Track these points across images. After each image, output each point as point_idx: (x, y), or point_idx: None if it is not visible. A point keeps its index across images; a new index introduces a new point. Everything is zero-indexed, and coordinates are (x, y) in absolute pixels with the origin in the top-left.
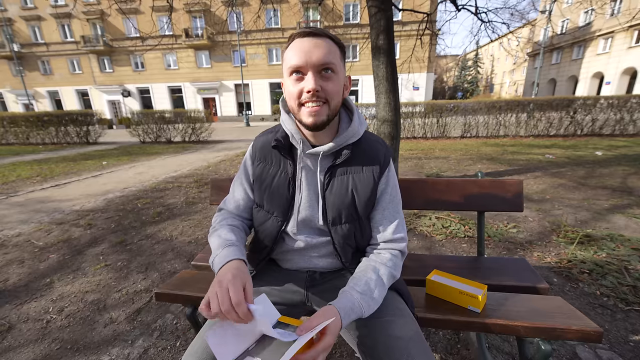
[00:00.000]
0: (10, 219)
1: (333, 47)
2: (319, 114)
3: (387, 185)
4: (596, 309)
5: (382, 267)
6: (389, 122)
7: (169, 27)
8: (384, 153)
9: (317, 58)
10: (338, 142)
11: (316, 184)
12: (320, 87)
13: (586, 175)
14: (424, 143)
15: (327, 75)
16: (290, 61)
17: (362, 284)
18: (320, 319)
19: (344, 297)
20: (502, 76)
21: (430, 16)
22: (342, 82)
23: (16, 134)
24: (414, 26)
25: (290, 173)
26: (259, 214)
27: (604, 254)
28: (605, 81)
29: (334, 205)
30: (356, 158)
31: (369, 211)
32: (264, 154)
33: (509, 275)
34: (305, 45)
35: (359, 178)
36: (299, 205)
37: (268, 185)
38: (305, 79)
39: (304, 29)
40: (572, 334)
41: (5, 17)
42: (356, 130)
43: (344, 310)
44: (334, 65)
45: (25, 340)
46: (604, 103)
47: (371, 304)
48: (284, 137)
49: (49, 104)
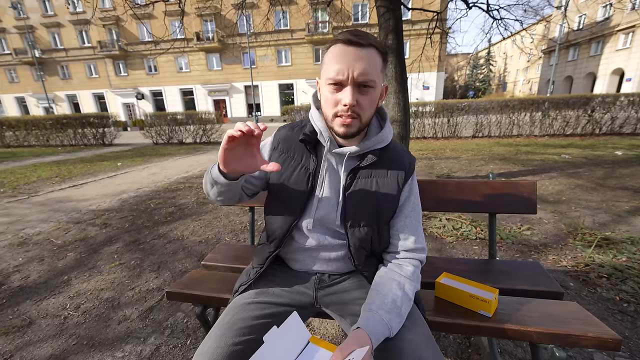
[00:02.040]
0: (31, 218)
1: (376, 59)
2: (351, 125)
3: (411, 193)
4: (615, 315)
5: (407, 283)
6: (398, 122)
7: (181, 30)
8: (409, 161)
9: (358, 73)
10: (366, 146)
11: (338, 183)
12: (357, 102)
13: (605, 176)
14: (435, 143)
15: (365, 90)
16: (330, 70)
17: (389, 302)
18: (353, 346)
19: (373, 318)
20: (516, 74)
21: (440, 14)
22: (379, 94)
23: (37, 136)
24: (424, 25)
25: (311, 168)
26: (272, 205)
27: (623, 258)
28: (625, 78)
29: (355, 207)
30: (382, 163)
31: (389, 217)
32: (287, 146)
33: (522, 279)
34: (348, 56)
35: (383, 182)
36: (318, 203)
37: (287, 178)
38: (344, 91)
39: (349, 33)
40: (589, 341)
41: (28, 24)
42: (385, 137)
43: (375, 335)
44: (373, 81)
45: (44, 335)
46: (624, 100)
47: (398, 321)
48: (312, 132)
49: (67, 107)
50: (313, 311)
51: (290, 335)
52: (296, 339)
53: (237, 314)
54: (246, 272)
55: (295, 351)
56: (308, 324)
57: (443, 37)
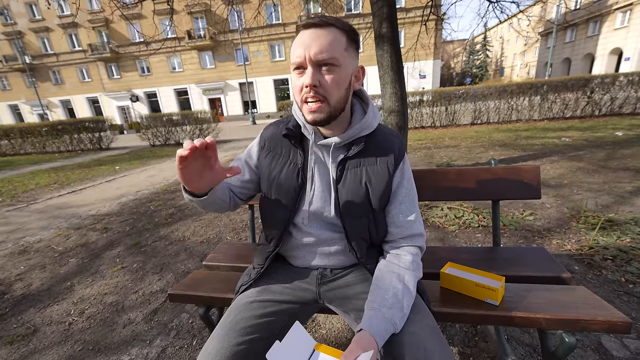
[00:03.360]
0: (31, 226)
1: (338, 37)
2: (318, 111)
3: (403, 178)
4: (621, 297)
5: (407, 273)
6: (395, 112)
7: (171, 29)
8: (399, 146)
9: (314, 52)
10: (350, 134)
11: (328, 175)
12: (319, 82)
13: (606, 158)
14: (433, 132)
15: (327, 69)
16: (292, 55)
17: (390, 297)
18: (358, 351)
19: (376, 317)
20: (513, 58)
21: (434, 0)
22: (348, 74)
23: (33, 143)
24: (418, 12)
25: (300, 163)
26: (266, 204)
27: (628, 239)
28: (624, 57)
29: (347, 198)
30: (370, 150)
31: (384, 204)
32: (274, 144)
33: (528, 265)
34: (305, 38)
35: (373, 170)
36: (311, 197)
37: (276, 175)
38: (305, 74)
39: (308, 18)
40: (598, 325)
41: (16, 30)
42: (370, 122)
43: (380, 335)
44: (335, 58)
45: (49, 342)
46: (623, 80)
47: (401, 316)
48: (295, 126)
49: (62, 112)
50: (316, 307)
51: (295, 347)
52: (301, 349)
53: (240, 314)
54: (247, 273)
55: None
56: (313, 319)
57: (438, 24)
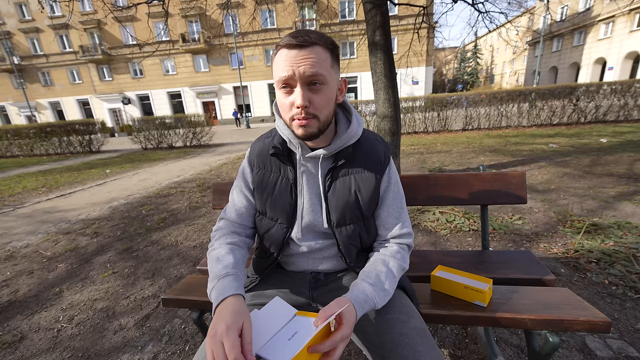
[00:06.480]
0: (17, 231)
1: (323, 55)
2: (309, 126)
3: (390, 182)
4: (605, 299)
5: (391, 260)
6: (389, 118)
7: (165, 32)
8: (384, 151)
9: (304, 71)
10: (338, 144)
11: (318, 187)
12: (309, 102)
13: (591, 163)
14: (426, 137)
15: (315, 87)
16: (278, 74)
17: (373, 276)
18: (335, 307)
19: (356, 289)
20: (503, 66)
21: (426, 9)
22: (334, 90)
23: (20, 146)
24: (411, 20)
25: (291, 178)
26: (262, 222)
27: (611, 243)
28: (607, 67)
29: (337, 207)
30: (357, 158)
31: (372, 210)
32: (263, 161)
33: (515, 268)
34: (292, 58)
35: (361, 178)
36: (302, 210)
37: (270, 193)
38: (294, 93)
39: (290, 36)
40: (580, 325)
41: (4, 30)
42: (355, 131)
43: (358, 302)
44: (323, 76)
45: (37, 350)
46: (607, 89)
47: (383, 295)
48: (282, 142)
49: (51, 114)
50: (310, 311)
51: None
52: (281, 315)
53: None
54: None
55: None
56: None
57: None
